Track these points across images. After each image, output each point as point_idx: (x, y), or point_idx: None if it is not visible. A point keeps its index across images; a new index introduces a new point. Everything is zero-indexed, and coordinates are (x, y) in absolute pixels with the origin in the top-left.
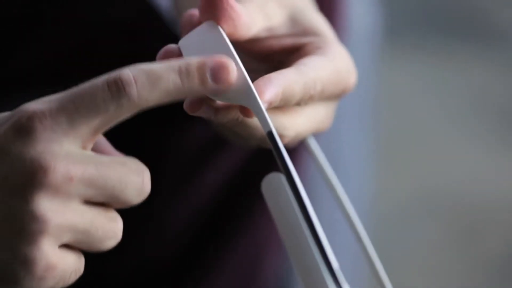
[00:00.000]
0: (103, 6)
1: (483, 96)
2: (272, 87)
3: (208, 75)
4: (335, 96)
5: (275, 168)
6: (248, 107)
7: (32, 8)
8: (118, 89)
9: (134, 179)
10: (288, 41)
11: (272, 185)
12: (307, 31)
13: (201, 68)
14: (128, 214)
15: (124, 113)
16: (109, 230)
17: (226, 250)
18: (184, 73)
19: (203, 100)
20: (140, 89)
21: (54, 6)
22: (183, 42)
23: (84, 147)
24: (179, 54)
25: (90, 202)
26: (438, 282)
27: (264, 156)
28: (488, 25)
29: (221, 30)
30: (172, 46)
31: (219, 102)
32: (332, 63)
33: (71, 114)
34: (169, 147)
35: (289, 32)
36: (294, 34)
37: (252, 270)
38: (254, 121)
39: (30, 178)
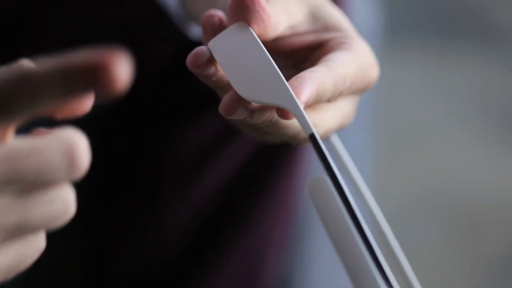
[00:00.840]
0: (110, 5)
1: (484, 96)
2: (308, 86)
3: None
4: (360, 90)
5: (275, 169)
6: (286, 109)
7: (32, 9)
8: None
9: (56, 161)
10: (311, 38)
11: (317, 187)
12: (328, 27)
13: (88, 67)
14: (129, 214)
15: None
16: (52, 212)
17: (226, 250)
18: (69, 79)
19: (239, 103)
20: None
21: (54, 6)
22: (213, 44)
23: None
24: (209, 55)
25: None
26: (438, 282)
27: (264, 157)
28: (488, 25)
29: (252, 31)
30: (202, 48)
31: (254, 104)
32: (357, 58)
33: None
34: (170, 148)
35: (311, 28)
36: (316, 31)
37: (253, 270)
38: (286, 121)
39: None
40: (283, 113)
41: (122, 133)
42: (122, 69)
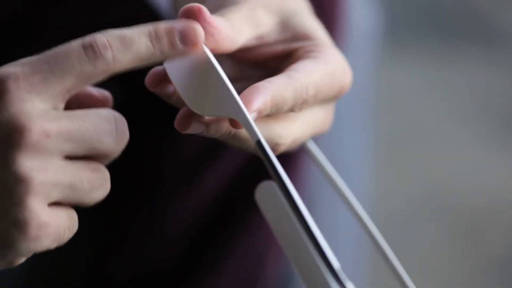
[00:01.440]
0: (102, 6)
1: (484, 97)
2: (260, 95)
3: (177, 38)
4: (331, 97)
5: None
6: (235, 119)
7: (32, 9)
8: (93, 51)
9: (108, 127)
10: (279, 48)
11: (265, 193)
12: (297, 36)
13: (170, 31)
14: (130, 215)
15: (98, 75)
16: (95, 180)
17: (226, 251)
18: (154, 37)
19: (192, 117)
20: (115, 52)
21: (54, 7)
22: (168, 64)
23: (56, 107)
24: (165, 75)
25: (71, 157)
26: (438, 282)
27: None
28: (488, 26)
29: (203, 46)
30: (157, 68)
31: (209, 118)
32: (324, 66)
33: (45, 74)
34: (170, 148)
35: (280, 38)
36: (285, 40)
37: (253, 270)
38: (246, 133)
39: (8, 140)
40: (234, 123)
41: None
42: (198, 31)
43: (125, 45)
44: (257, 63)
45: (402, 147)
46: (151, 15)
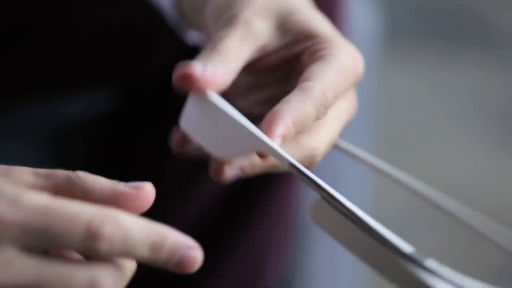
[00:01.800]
0: (105, 8)
1: (484, 98)
2: (280, 121)
3: (175, 259)
4: (349, 87)
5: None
6: (262, 151)
7: (33, 11)
8: (92, 239)
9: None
10: (283, 53)
11: (317, 211)
12: (299, 37)
13: (173, 251)
14: None
15: (82, 251)
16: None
17: (227, 252)
18: (156, 248)
19: (223, 165)
20: (112, 249)
21: (56, 9)
22: (183, 123)
23: (27, 251)
24: (185, 134)
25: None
26: None
27: None
28: (488, 27)
29: (209, 93)
30: (178, 132)
31: (239, 159)
32: (334, 64)
33: (35, 230)
34: (170, 152)
35: (281, 43)
36: (287, 44)
37: (254, 271)
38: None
39: None
40: (260, 154)
41: (123, 137)
42: (197, 260)
43: (125, 247)
44: (268, 70)
45: (402, 148)
46: (151, 15)
